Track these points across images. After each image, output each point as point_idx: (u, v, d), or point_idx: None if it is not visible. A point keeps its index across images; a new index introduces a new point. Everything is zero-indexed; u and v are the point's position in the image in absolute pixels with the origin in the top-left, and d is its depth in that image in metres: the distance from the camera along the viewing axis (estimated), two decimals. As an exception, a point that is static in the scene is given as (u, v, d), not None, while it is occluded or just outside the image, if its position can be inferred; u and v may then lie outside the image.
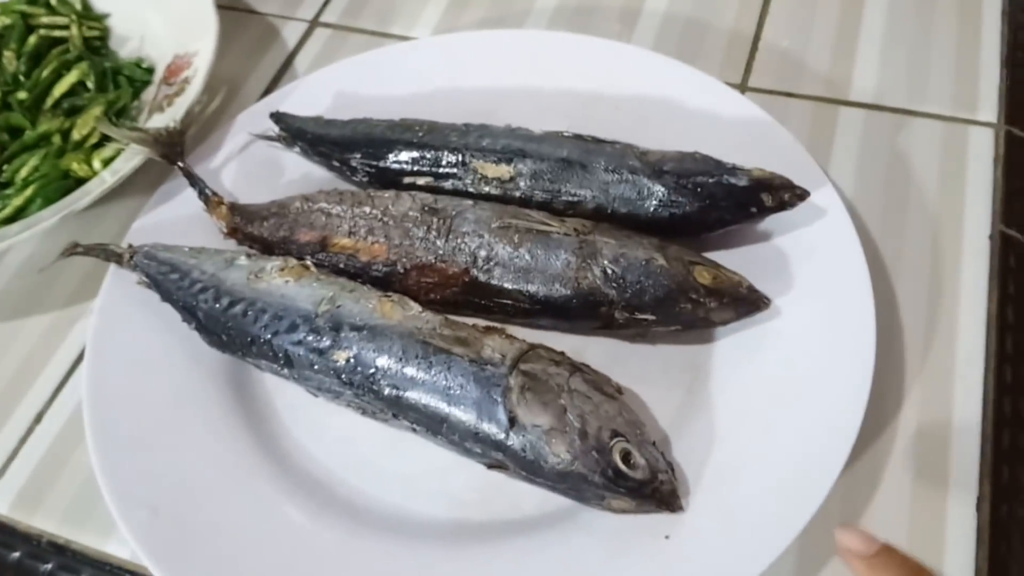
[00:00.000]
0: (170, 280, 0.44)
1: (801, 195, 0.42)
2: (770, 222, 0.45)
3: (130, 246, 0.46)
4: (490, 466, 0.39)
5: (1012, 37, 0.55)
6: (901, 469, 0.40)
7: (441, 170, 0.47)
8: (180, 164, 0.48)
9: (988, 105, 0.52)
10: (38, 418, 0.46)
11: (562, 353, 0.41)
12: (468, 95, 0.53)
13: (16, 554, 0.42)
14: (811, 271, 0.43)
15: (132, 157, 0.48)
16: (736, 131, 0.48)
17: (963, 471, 0.40)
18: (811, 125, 0.53)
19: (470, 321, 0.43)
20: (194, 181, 0.48)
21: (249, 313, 0.42)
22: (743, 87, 0.55)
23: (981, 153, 0.50)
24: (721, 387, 0.41)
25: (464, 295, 0.44)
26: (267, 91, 0.59)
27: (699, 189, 0.43)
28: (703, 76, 0.51)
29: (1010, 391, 0.42)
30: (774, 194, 0.42)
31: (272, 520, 0.40)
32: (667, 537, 0.36)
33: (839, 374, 0.39)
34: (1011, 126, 0.51)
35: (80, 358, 0.48)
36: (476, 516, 0.40)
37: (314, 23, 0.63)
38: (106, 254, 0.46)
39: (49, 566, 0.42)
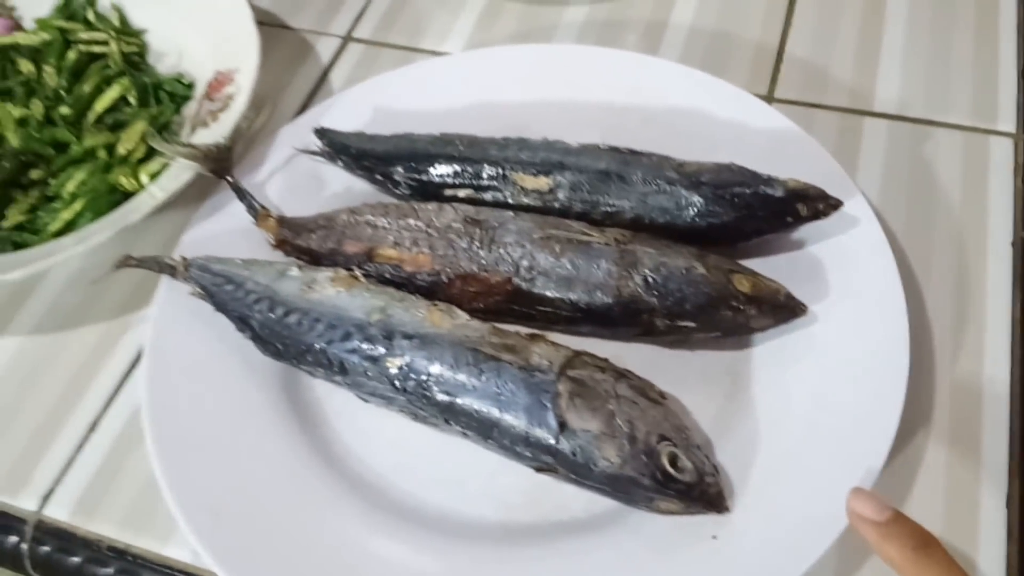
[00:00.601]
0: (225, 291, 0.45)
1: (835, 205, 0.44)
2: (802, 230, 0.46)
3: (183, 258, 0.47)
4: (539, 469, 0.41)
5: (1029, 48, 0.57)
6: (934, 468, 0.42)
7: (482, 182, 0.49)
8: (229, 179, 0.50)
9: (1007, 115, 0.54)
10: (93, 426, 0.47)
11: (606, 360, 0.42)
12: (501, 108, 0.55)
13: (77, 559, 0.44)
14: (844, 277, 0.45)
15: (182, 172, 0.49)
16: (765, 142, 0.50)
17: (993, 469, 0.41)
18: (837, 135, 0.54)
19: (512, 328, 0.44)
20: (243, 195, 0.49)
21: (304, 323, 0.43)
22: (769, 98, 0.57)
23: (1001, 162, 0.52)
24: (761, 391, 0.43)
25: (507, 303, 0.45)
26: (304, 105, 0.60)
27: (736, 200, 0.44)
28: (731, 87, 0.53)
29: (1037, 392, 0.44)
30: (809, 204, 0.44)
31: (327, 521, 0.41)
32: (714, 537, 0.38)
33: (875, 376, 0.41)
34: (1031, 135, 0.53)
35: (132, 368, 0.49)
36: (524, 518, 0.41)
37: (347, 38, 0.64)
38: (160, 266, 0.47)
39: (110, 570, 0.43)
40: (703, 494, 0.38)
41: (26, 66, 0.59)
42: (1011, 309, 0.46)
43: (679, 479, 0.38)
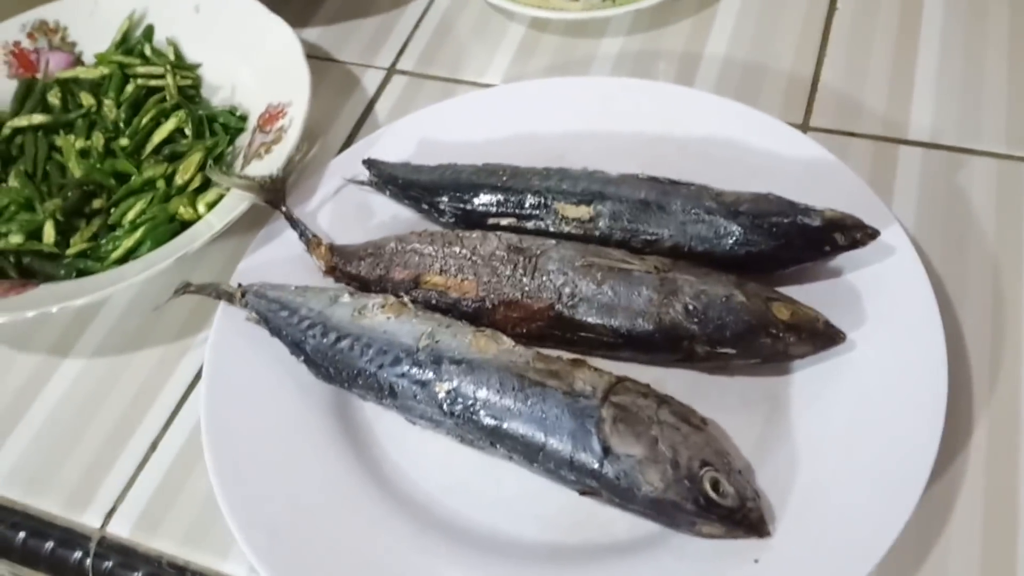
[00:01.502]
0: (280, 317, 0.47)
1: (872, 234, 0.45)
2: (840, 259, 0.47)
3: (240, 285, 0.49)
4: (583, 492, 0.42)
5: (1063, 76, 0.58)
6: (972, 494, 0.43)
7: (524, 211, 0.51)
8: (283, 209, 0.52)
9: (1042, 143, 0.55)
10: (153, 446, 0.49)
11: (647, 385, 0.44)
12: (541, 139, 0.56)
13: (138, 574, 0.46)
14: (881, 305, 0.46)
15: (237, 203, 0.51)
16: (801, 171, 0.51)
17: (1034, 496, 0.42)
18: (872, 164, 0.55)
19: (554, 353, 0.45)
20: (295, 224, 0.51)
21: (355, 348, 0.45)
22: (804, 127, 0.58)
23: (1037, 190, 0.53)
24: (799, 417, 0.44)
25: (549, 329, 0.47)
26: (350, 136, 0.63)
27: (774, 229, 0.46)
28: (766, 117, 0.54)
29: (1077, 420, 0.44)
30: (846, 233, 0.45)
31: (378, 540, 0.42)
32: (756, 561, 0.39)
33: (914, 403, 0.42)
34: (1066, 163, 0.54)
35: (190, 389, 0.51)
36: (569, 539, 0.43)
37: (391, 70, 0.67)
38: (218, 293, 0.49)
39: (170, 585, 0.45)
40: (745, 519, 0.39)
41: (87, 99, 0.62)
42: (1048, 337, 0.47)
43: (721, 504, 0.39)
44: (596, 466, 0.40)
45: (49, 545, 0.47)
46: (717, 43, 0.64)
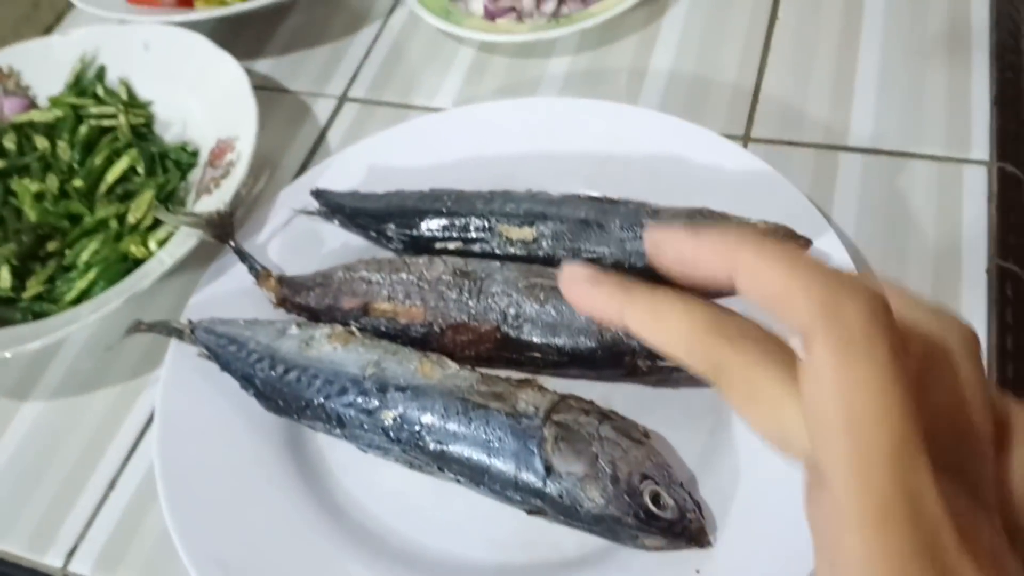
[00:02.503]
0: (229, 351, 0.48)
1: (804, 244, 0.46)
2: (778, 268, 0.48)
3: (190, 321, 0.50)
4: (530, 512, 0.43)
5: (1000, 76, 0.59)
6: (915, 496, 0.43)
7: (469, 235, 0.51)
8: (231, 243, 0.52)
9: (980, 144, 0.55)
10: (112, 484, 0.50)
11: (591, 402, 0.44)
12: (489, 161, 0.57)
13: (98, 612, 0.46)
14: (819, 313, 0.46)
15: (187, 239, 0.52)
16: (740, 184, 0.52)
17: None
18: (813, 171, 0.56)
19: (503, 374, 0.46)
20: (244, 257, 0.52)
21: (303, 379, 0.46)
22: (747, 138, 0.59)
23: (975, 190, 0.53)
24: (742, 427, 0.44)
25: (497, 351, 0.48)
26: (303, 165, 0.63)
27: (709, 243, 0.46)
28: (705, 132, 0.55)
29: (1014, 417, 0.45)
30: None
31: (332, 570, 0.43)
32: (697, 571, 0.39)
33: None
34: (1003, 163, 0.54)
35: (147, 427, 0.52)
36: (520, 559, 0.43)
37: (343, 99, 0.67)
38: (168, 330, 0.50)
39: (129, 622, 0.46)
40: (685, 530, 0.39)
41: (41, 142, 0.63)
42: (987, 337, 0.48)
43: (661, 517, 0.39)
44: (539, 485, 0.41)
45: (13, 586, 0.48)
46: (663, 58, 0.65)
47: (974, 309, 0.49)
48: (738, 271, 0.23)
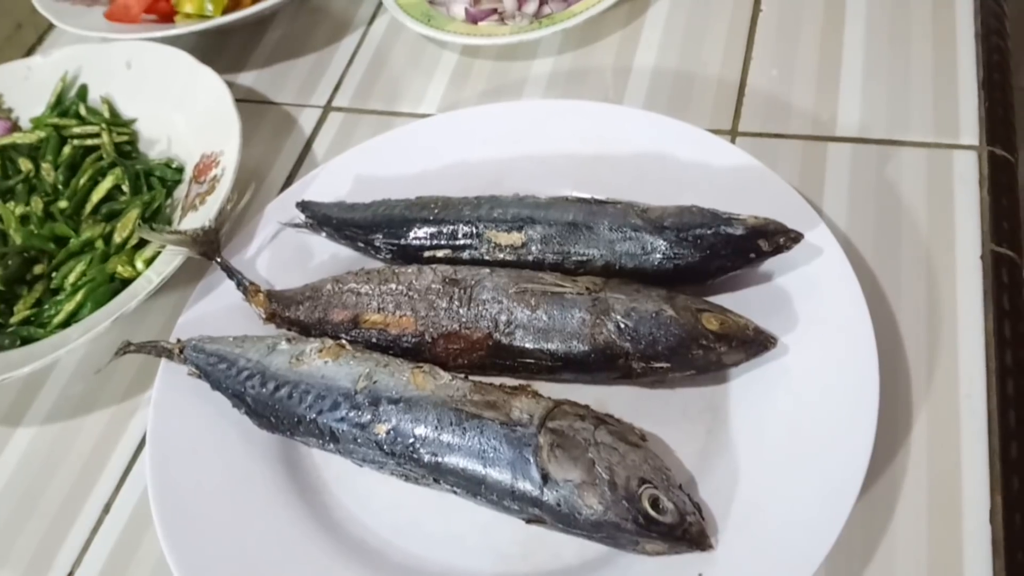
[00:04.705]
0: (219, 370, 0.47)
1: (795, 238, 0.45)
2: (770, 263, 0.47)
3: (179, 341, 0.49)
4: (528, 521, 0.42)
5: (987, 59, 0.58)
6: (915, 488, 0.43)
7: (458, 242, 0.51)
8: (218, 260, 0.52)
9: (969, 128, 0.55)
10: (107, 508, 0.50)
11: (586, 407, 0.44)
12: (475, 166, 0.57)
13: (97, 638, 0.46)
14: (812, 307, 0.46)
15: (173, 258, 0.52)
16: (729, 179, 0.51)
17: (974, 485, 0.42)
18: (802, 163, 0.55)
19: (497, 381, 0.46)
20: (232, 274, 0.52)
21: (294, 395, 0.45)
22: (734, 132, 0.58)
23: (966, 175, 0.53)
24: (739, 426, 0.44)
25: (489, 358, 0.47)
26: (290, 177, 0.63)
27: (699, 241, 0.46)
28: (692, 129, 0.54)
29: (1013, 404, 0.44)
30: (770, 239, 0.45)
31: (331, 587, 0.43)
32: (700, 575, 0.39)
33: (847, 402, 0.42)
34: (992, 146, 0.54)
35: (140, 448, 0.51)
36: (520, 568, 0.43)
37: (327, 108, 0.67)
38: (157, 350, 0.49)
39: (129, 647, 0.45)
40: (686, 534, 0.39)
41: (25, 164, 0.63)
42: (983, 324, 0.47)
43: (661, 521, 0.39)
44: (537, 494, 0.40)
45: (9, 617, 0.48)
46: (646, 55, 0.64)
47: (970, 296, 0.48)
48: None
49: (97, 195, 0.60)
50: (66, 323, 0.54)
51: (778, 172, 0.51)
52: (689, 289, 0.47)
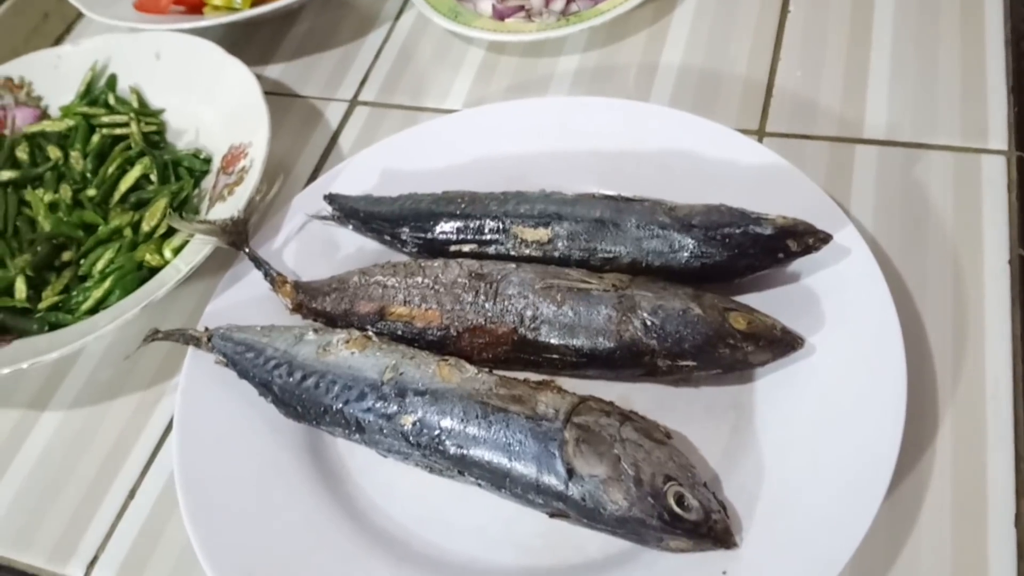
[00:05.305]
0: (246, 359, 0.48)
1: (824, 239, 0.45)
2: (798, 263, 0.47)
3: (207, 329, 0.50)
4: (552, 515, 0.42)
5: (1016, 65, 0.58)
6: (940, 490, 0.43)
7: (484, 237, 0.51)
8: (246, 250, 0.52)
9: (998, 133, 0.55)
10: (132, 494, 0.50)
11: (611, 403, 0.44)
12: (501, 162, 0.57)
13: (122, 622, 0.46)
14: (840, 308, 0.46)
15: (202, 247, 0.52)
16: (756, 178, 0.51)
17: (999, 489, 0.42)
18: (829, 164, 0.55)
19: (521, 376, 0.46)
20: (260, 264, 0.52)
21: (321, 385, 0.46)
22: (761, 132, 0.58)
23: (994, 180, 0.53)
24: (764, 424, 0.44)
25: (514, 352, 0.47)
26: (316, 169, 0.63)
27: (727, 240, 0.46)
28: (719, 127, 0.54)
29: (1040, 409, 0.44)
30: (799, 239, 0.45)
31: (355, 576, 0.43)
32: (724, 573, 0.39)
33: (874, 403, 0.42)
34: (1022, 151, 0.54)
35: (165, 435, 0.52)
36: (544, 562, 0.43)
37: (354, 102, 0.67)
38: (185, 338, 0.50)
39: (153, 632, 0.45)
40: (711, 531, 0.39)
41: (54, 152, 0.63)
42: (1011, 327, 0.47)
43: (686, 518, 0.39)
44: (561, 488, 0.40)
45: (35, 599, 0.48)
46: (672, 53, 0.64)
47: (997, 299, 0.48)
48: None
49: (125, 184, 0.60)
50: (94, 310, 0.54)
51: (805, 173, 0.51)
52: (716, 288, 0.47)
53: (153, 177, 0.61)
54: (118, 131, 0.64)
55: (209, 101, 0.64)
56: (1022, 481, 0.42)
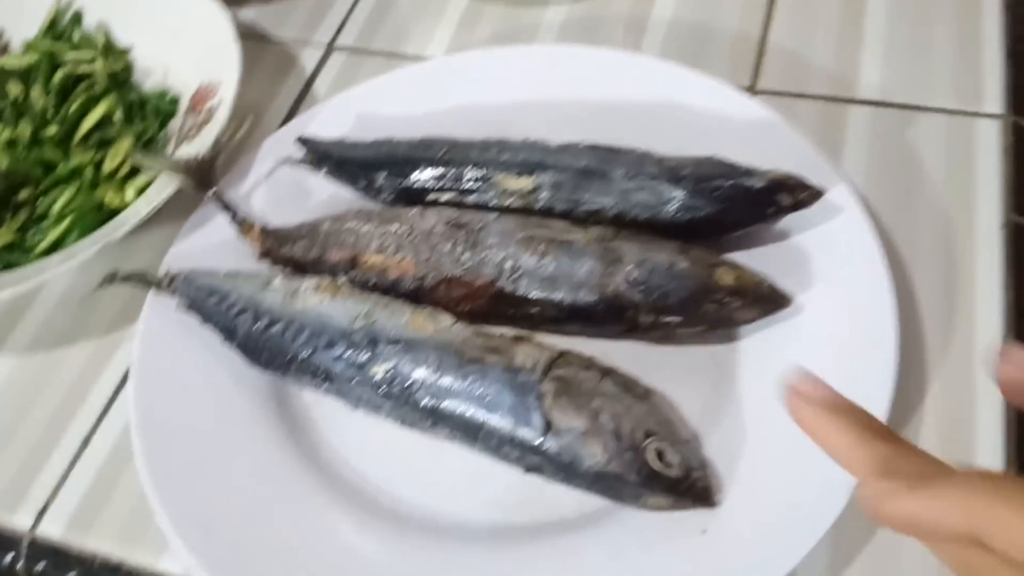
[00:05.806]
0: (209, 304, 0.45)
1: (816, 194, 0.44)
2: (787, 221, 0.46)
3: (168, 272, 0.47)
4: (527, 470, 0.41)
5: (1014, 29, 0.57)
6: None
7: (464, 185, 0.49)
8: (212, 191, 0.50)
9: (993, 97, 0.53)
10: (85, 442, 0.48)
11: (591, 357, 0.42)
12: (483, 110, 0.55)
13: (72, 575, 0.44)
14: (830, 266, 0.44)
15: (165, 187, 0.49)
16: (747, 133, 0.50)
17: (988, 455, 0.41)
18: (822, 123, 0.54)
19: (498, 331, 0.44)
20: (227, 207, 0.49)
21: (288, 332, 0.43)
22: (752, 89, 0.56)
23: (989, 144, 0.51)
24: (747, 384, 0.42)
25: (492, 306, 0.45)
26: (289, 116, 0.61)
27: (717, 192, 0.44)
28: (710, 80, 0.52)
29: (1030, 375, 0.43)
30: (790, 194, 0.44)
31: (320, 530, 0.41)
32: (704, 532, 0.38)
33: (863, 365, 0.41)
34: (1018, 116, 0.52)
35: (123, 383, 0.49)
36: (516, 518, 0.41)
37: (330, 47, 0.65)
38: (145, 281, 0.47)
39: (105, 586, 0.43)
40: (691, 489, 0.38)
41: (15, 88, 0.60)
42: (1002, 294, 0.46)
43: (666, 475, 0.37)
44: (538, 442, 0.39)
45: (-21, 550, 0.46)
46: (664, 6, 0.62)
47: (989, 267, 0.47)
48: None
49: (88, 122, 0.57)
50: (51, 250, 0.51)
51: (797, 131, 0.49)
52: (703, 244, 0.45)
53: (118, 117, 0.58)
54: (82, 69, 0.61)
55: (179, 40, 0.60)
56: (1011, 447, 0.41)
